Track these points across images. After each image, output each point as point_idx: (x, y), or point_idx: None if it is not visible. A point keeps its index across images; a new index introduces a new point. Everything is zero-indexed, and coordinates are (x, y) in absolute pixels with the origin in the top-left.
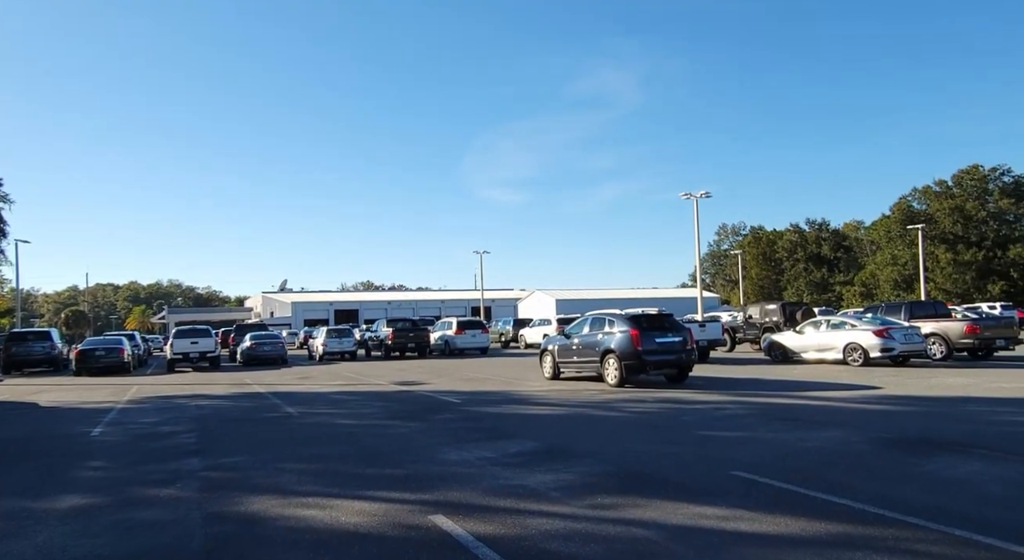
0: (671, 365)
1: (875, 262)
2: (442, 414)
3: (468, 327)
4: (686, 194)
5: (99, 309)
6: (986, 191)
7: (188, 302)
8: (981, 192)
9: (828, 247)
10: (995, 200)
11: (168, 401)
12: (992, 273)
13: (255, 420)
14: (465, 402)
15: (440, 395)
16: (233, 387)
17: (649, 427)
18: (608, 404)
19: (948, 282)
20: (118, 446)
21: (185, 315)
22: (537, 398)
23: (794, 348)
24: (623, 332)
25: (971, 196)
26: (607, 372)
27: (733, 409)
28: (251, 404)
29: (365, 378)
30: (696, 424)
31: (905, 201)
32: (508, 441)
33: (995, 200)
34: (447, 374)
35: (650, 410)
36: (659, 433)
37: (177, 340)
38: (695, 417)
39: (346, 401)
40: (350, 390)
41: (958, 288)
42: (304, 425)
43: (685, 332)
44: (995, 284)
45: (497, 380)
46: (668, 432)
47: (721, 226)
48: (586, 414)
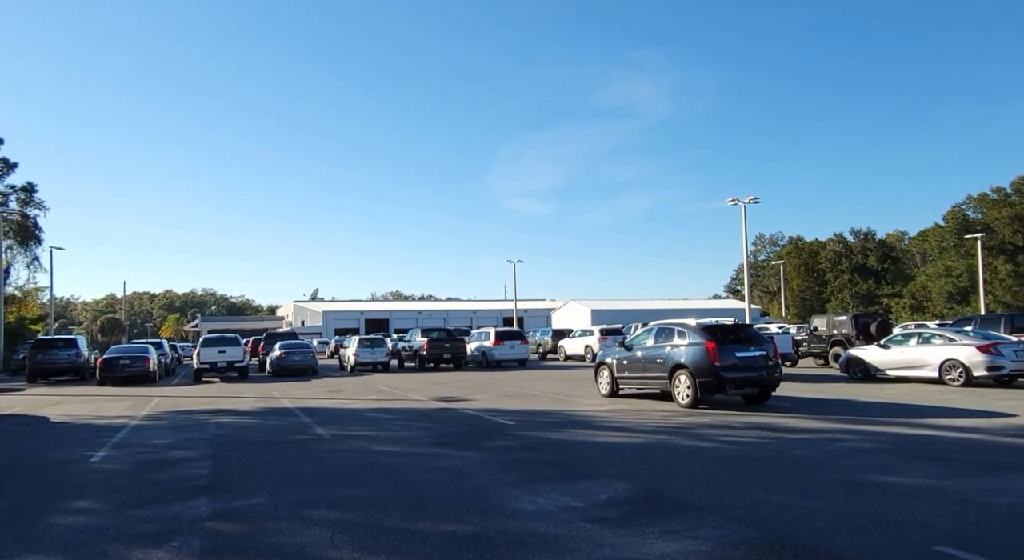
0: (753, 383)
1: (926, 273)
2: (496, 440)
3: (506, 338)
4: (733, 200)
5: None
6: None
7: (222, 311)
8: None
9: (875, 258)
10: None
11: (188, 417)
12: None
13: (281, 444)
14: (519, 424)
15: (488, 415)
16: (260, 401)
17: (761, 464)
18: (690, 430)
19: (1008, 295)
20: (116, 478)
21: (218, 323)
22: (601, 420)
23: (878, 364)
24: (697, 345)
25: None
26: (677, 390)
27: (854, 442)
28: (278, 423)
29: (401, 392)
30: (821, 463)
31: (959, 210)
32: (590, 482)
33: None
34: (489, 389)
35: (746, 439)
36: (781, 474)
37: (204, 349)
38: (812, 452)
39: (383, 421)
40: (386, 407)
41: (1018, 301)
42: (337, 452)
43: (768, 345)
44: None
45: (546, 397)
46: (792, 473)
47: (758, 236)
48: (670, 443)
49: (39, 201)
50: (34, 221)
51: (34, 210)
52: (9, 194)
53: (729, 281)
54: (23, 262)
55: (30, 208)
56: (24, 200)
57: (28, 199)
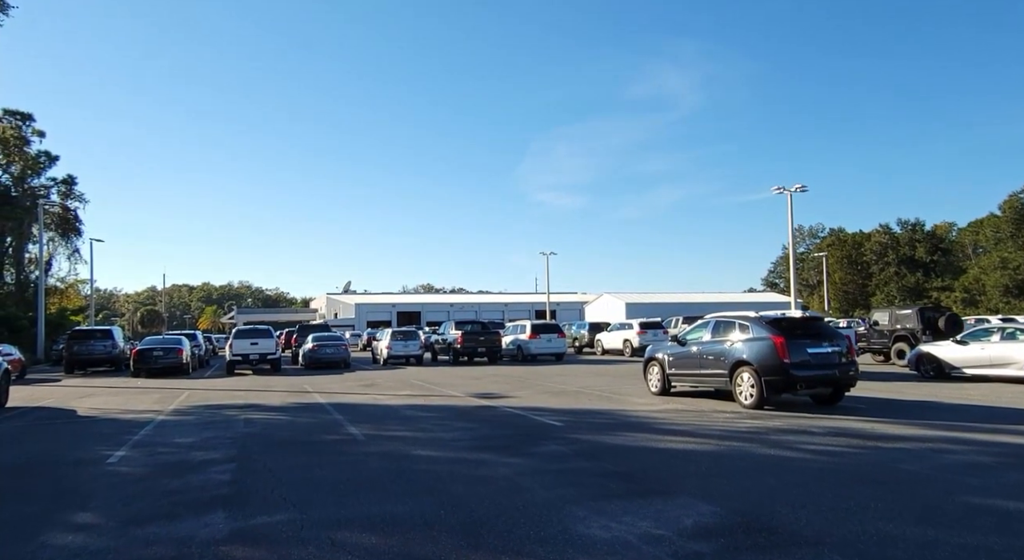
0: (827, 382)
1: (979, 266)
2: (546, 444)
3: (543, 331)
4: (778, 189)
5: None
6: None
7: (257, 303)
8: None
9: (923, 249)
10: None
11: (216, 412)
12: None
13: (311, 445)
14: (568, 426)
15: (532, 414)
16: (291, 396)
17: (865, 481)
18: (764, 436)
19: None
20: (130, 484)
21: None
22: (659, 422)
23: (954, 362)
24: (762, 339)
25: None
26: (740, 389)
27: (964, 453)
28: (309, 420)
29: (437, 388)
30: (939, 480)
31: (1017, 198)
32: (667, 501)
33: None
34: (529, 385)
35: (835, 449)
36: (896, 496)
37: (237, 341)
38: (922, 466)
39: (421, 420)
40: (423, 404)
41: None
42: (371, 456)
43: (843, 341)
44: None
45: (592, 394)
46: (909, 494)
47: (797, 228)
48: (747, 452)
49: (79, 194)
50: (74, 213)
51: (74, 203)
52: (50, 187)
53: (766, 274)
54: (64, 254)
55: (70, 201)
56: (65, 193)
57: (68, 192)
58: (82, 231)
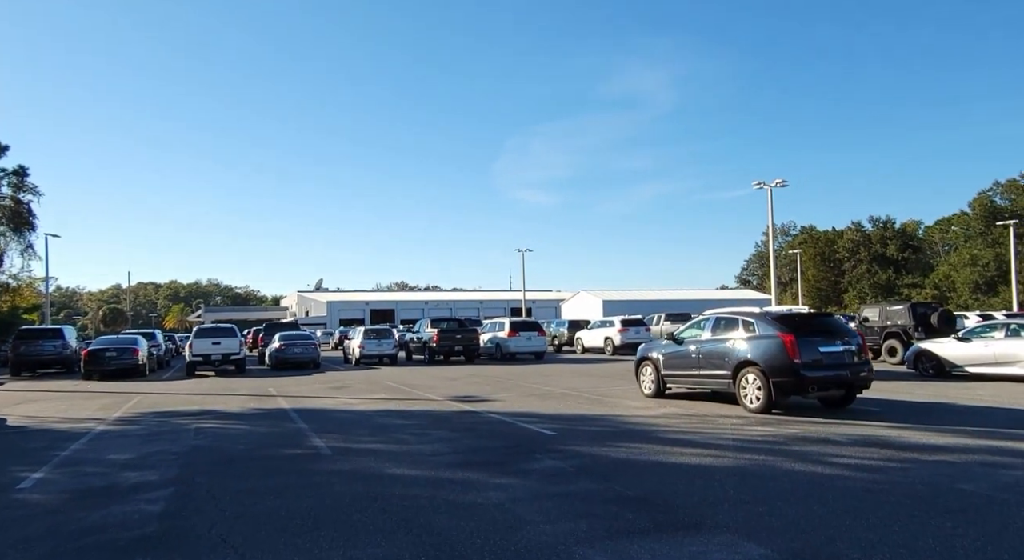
0: (840, 384)
1: (949, 263)
2: (540, 459)
3: (522, 329)
4: (759, 183)
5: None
6: None
7: (227, 301)
8: None
9: (895, 247)
10: None
11: (165, 421)
12: None
13: (267, 462)
14: (562, 435)
15: (519, 420)
16: (252, 400)
17: (932, 508)
18: (783, 447)
19: None
20: (35, 518)
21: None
22: (661, 430)
23: (955, 360)
24: (770, 338)
25: None
26: (744, 392)
27: (1021, 467)
28: (268, 430)
29: (413, 390)
30: (1016, 504)
31: (986, 196)
32: (701, 537)
33: None
34: (511, 386)
35: (869, 462)
36: (979, 527)
37: (197, 341)
38: (984, 486)
39: (395, 429)
40: (398, 409)
41: None
42: (338, 477)
43: (856, 338)
44: None
45: (580, 397)
46: (994, 523)
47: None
48: (772, 467)
49: (32, 186)
50: (27, 207)
51: (27, 195)
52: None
53: (740, 271)
54: (16, 249)
55: (23, 193)
56: (16, 185)
57: (20, 184)
58: (36, 225)
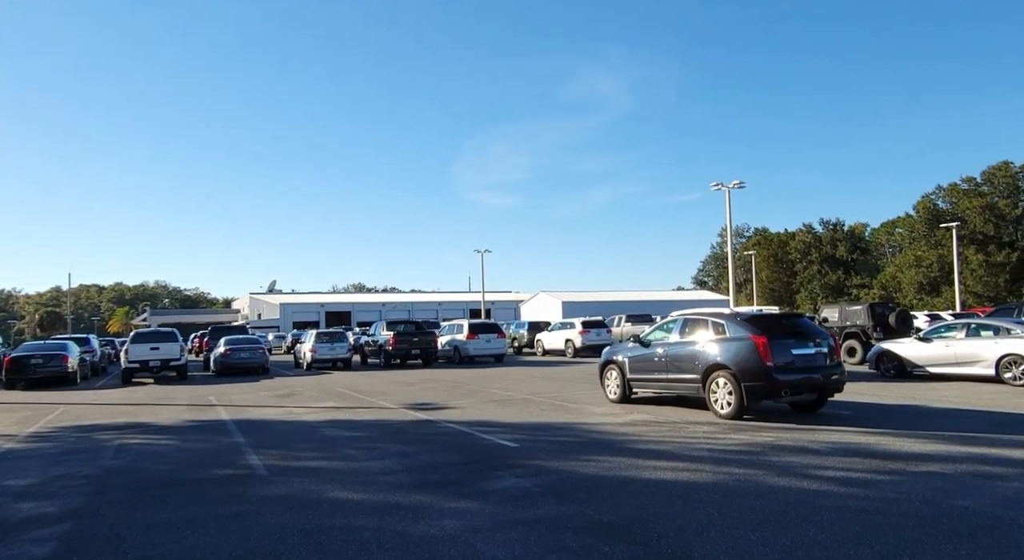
0: (813, 387)
1: (895, 264)
2: (503, 477)
3: (482, 331)
4: (717, 185)
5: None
6: (1018, 189)
7: (175, 303)
8: (1012, 190)
9: (844, 248)
10: None
11: (85, 436)
12: None
13: (191, 487)
14: (526, 448)
15: (480, 430)
16: (189, 411)
17: (937, 530)
18: (761, 457)
19: (979, 285)
20: None
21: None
22: (631, 441)
23: (916, 360)
24: (741, 340)
25: (1002, 194)
26: (714, 397)
27: (1018, 479)
28: (200, 445)
29: (366, 397)
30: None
31: (929, 199)
32: None
33: None
34: (470, 392)
35: (856, 475)
36: (986, 552)
37: (134, 346)
38: (984, 501)
39: (343, 442)
40: (347, 419)
41: (989, 291)
42: (270, 504)
43: (828, 339)
44: None
45: (543, 403)
46: (1008, 554)
47: (724, 228)
48: (753, 483)
49: None
50: None
51: None
52: None
53: (696, 272)
54: None
55: None
56: None
57: None
58: None
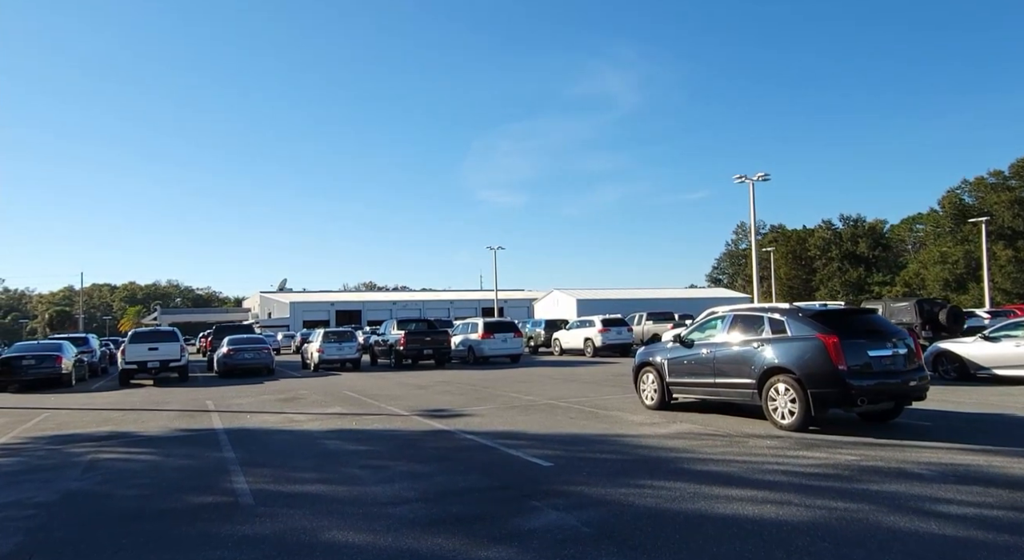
0: (894, 394)
1: (919, 260)
2: (540, 510)
3: (497, 330)
4: (740, 177)
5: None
6: None
7: (187, 303)
8: None
9: (865, 244)
10: None
11: (57, 449)
12: None
13: (156, 521)
14: (561, 467)
15: (504, 444)
16: (181, 418)
17: None
18: (854, 483)
19: (1008, 281)
20: None
21: (179, 316)
22: (684, 458)
23: (981, 361)
24: (806, 339)
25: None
26: (774, 404)
27: None
28: (183, 462)
29: (375, 402)
30: None
31: (955, 194)
32: None
33: None
34: (489, 396)
35: (988, 512)
36: None
37: (132, 346)
38: None
39: (347, 458)
40: (354, 428)
41: (1019, 288)
42: (251, 549)
43: (908, 340)
44: None
45: (571, 409)
46: None
47: (739, 225)
48: (862, 521)
49: None
50: None
51: None
52: None
53: (711, 270)
54: None
55: None
56: None
57: None
58: None
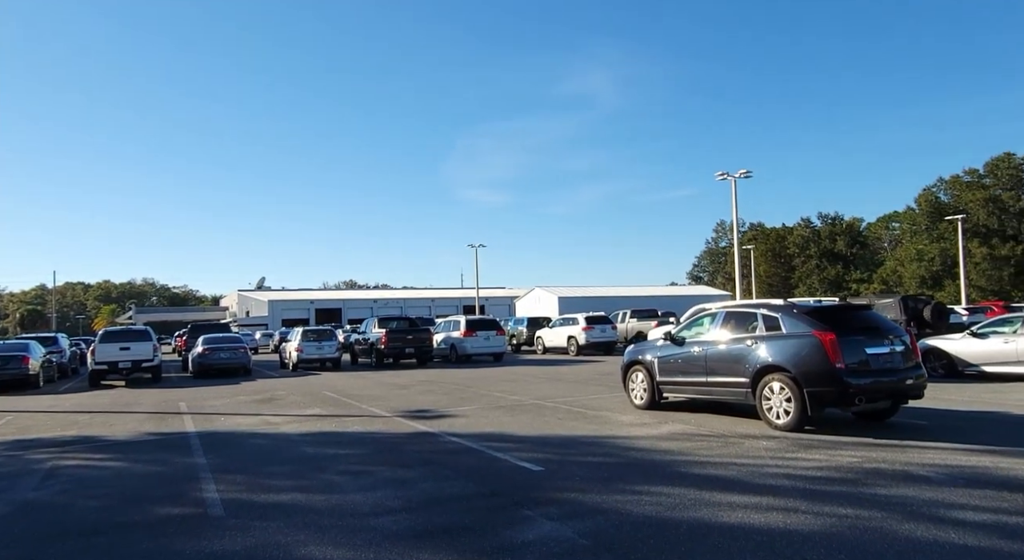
0: (891, 393)
1: (896, 258)
2: (533, 520)
3: (480, 328)
4: (722, 174)
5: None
6: (1021, 181)
7: (163, 301)
8: (1016, 182)
9: (843, 242)
10: None
11: (14, 457)
12: None
13: (116, 535)
14: (553, 472)
15: (491, 447)
16: (150, 420)
17: None
18: (860, 487)
19: (983, 279)
20: None
21: (154, 315)
22: (680, 461)
23: (969, 357)
24: (801, 337)
25: (1005, 187)
26: (769, 404)
27: None
28: (150, 468)
29: (355, 403)
30: None
31: (931, 193)
32: None
33: None
34: (473, 396)
35: (1006, 518)
36: None
37: (102, 345)
38: None
39: (325, 463)
40: (332, 431)
41: (993, 285)
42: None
43: (904, 337)
44: None
45: (558, 409)
46: None
47: (719, 223)
48: (873, 529)
49: None
50: None
51: None
52: None
53: (691, 268)
54: None
55: None
56: None
57: None
58: None
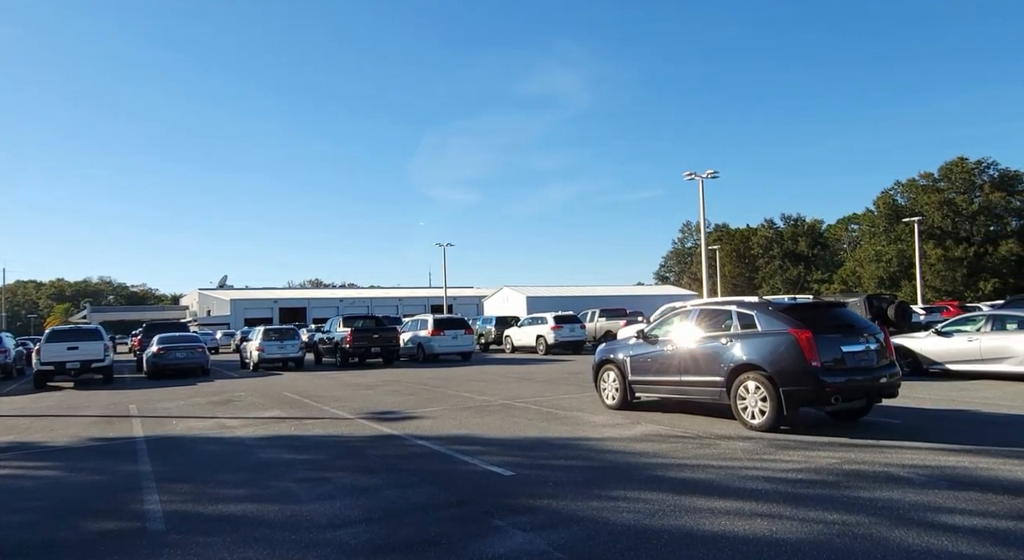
0: (867, 391)
1: (855, 259)
2: (505, 532)
3: (448, 326)
4: (690, 174)
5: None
6: (973, 185)
7: (121, 300)
8: (968, 186)
9: (805, 243)
10: (984, 194)
11: None
12: (983, 270)
13: (47, 554)
14: (524, 477)
15: (460, 451)
16: (96, 425)
17: None
18: (843, 491)
19: (937, 279)
20: None
21: (110, 314)
22: (655, 464)
23: (934, 356)
24: (777, 335)
25: (959, 190)
26: (744, 403)
27: None
28: (89, 477)
29: (318, 404)
30: None
31: (889, 195)
32: None
33: (984, 194)
34: (440, 396)
35: (995, 523)
36: None
37: (48, 345)
38: None
39: (282, 470)
40: (291, 434)
41: (947, 286)
42: None
43: (879, 334)
44: (987, 282)
45: (528, 409)
46: None
47: (685, 224)
48: (864, 538)
49: None
50: None
51: None
52: None
53: (658, 268)
54: None
55: None
56: None
57: None
58: None
